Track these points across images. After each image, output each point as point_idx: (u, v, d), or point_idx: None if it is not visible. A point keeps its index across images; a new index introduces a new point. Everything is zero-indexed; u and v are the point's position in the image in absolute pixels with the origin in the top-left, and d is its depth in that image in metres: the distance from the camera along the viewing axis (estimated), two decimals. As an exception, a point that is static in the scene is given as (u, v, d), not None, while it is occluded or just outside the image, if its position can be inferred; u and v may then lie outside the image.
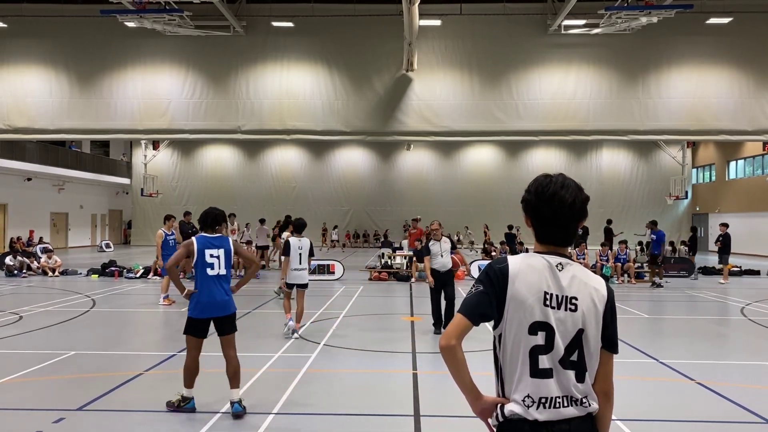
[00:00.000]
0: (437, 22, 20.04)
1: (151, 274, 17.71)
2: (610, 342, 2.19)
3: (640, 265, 18.96)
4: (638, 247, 20.60)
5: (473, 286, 2.20)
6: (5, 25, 20.55)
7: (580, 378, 2.12)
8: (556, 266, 2.17)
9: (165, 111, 20.42)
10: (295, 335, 9.15)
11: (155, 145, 36.51)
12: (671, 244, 23.61)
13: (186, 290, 5.73)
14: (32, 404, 5.92)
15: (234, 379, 5.63)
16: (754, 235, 28.35)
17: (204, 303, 5.66)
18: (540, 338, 2.10)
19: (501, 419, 2.13)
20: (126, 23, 19.36)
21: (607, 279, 17.26)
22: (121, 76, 20.50)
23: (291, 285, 9.29)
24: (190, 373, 5.68)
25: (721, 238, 17.64)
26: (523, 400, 2.09)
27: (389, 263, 19.18)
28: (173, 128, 20.67)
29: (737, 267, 20.08)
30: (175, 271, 5.84)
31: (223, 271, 5.75)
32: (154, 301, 12.85)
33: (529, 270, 2.15)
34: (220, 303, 5.70)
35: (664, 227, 35.97)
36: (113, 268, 18.44)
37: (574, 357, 2.12)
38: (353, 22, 20.26)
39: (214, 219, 5.82)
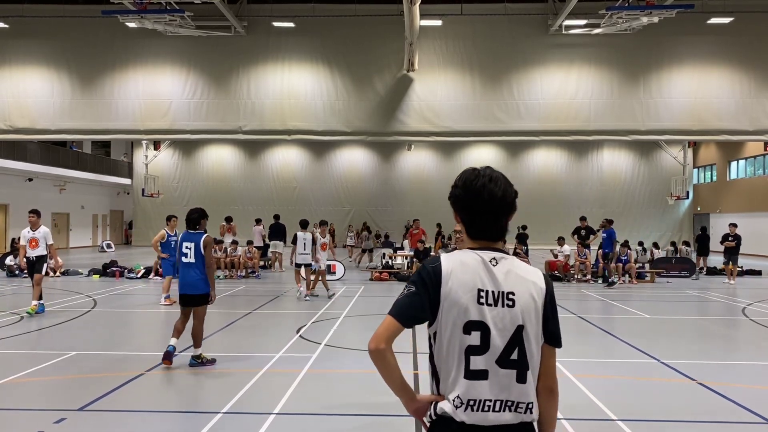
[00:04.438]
0: (438, 23, 20.04)
1: (152, 274, 17.72)
2: (552, 336, 2.11)
3: (641, 265, 18.96)
4: (639, 248, 20.59)
5: (405, 286, 2.12)
6: (6, 26, 20.58)
7: (521, 377, 2.03)
8: (490, 261, 2.07)
9: (166, 111, 20.44)
10: (307, 298, 13.05)
11: (156, 145, 36.57)
12: (672, 244, 23.57)
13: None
14: (33, 404, 5.93)
15: (194, 340, 7.33)
16: (756, 235, 28.31)
17: (180, 282, 7.45)
18: (474, 338, 2.01)
19: (434, 417, 2.08)
20: (127, 24, 19.39)
21: (615, 281, 17.27)
22: (122, 77, 20.53)
23: (299, 264, 13.36)
24: (176, 329, 7.40)
25: (730, 238, 17.63)
26: (453, 401, 2.02)
27: (390, 263, 19.17)
28: (174, 129, 20.70)
29: (739, 267, 20.06)
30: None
31: (193, 260, 7.35)
32: (155, 302, 12.85)
33: (462, 268, 2.05)
34: (189, 283, 7.33)
35: (666, 227, 36.22)
36: (114, 269, 18.46)
37: (515, 355, 2.02)
38: (354, 23, 20.27)
39: (193, 221, 7.53)
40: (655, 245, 22.16)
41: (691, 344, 9.04)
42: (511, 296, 2.04)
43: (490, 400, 2.01)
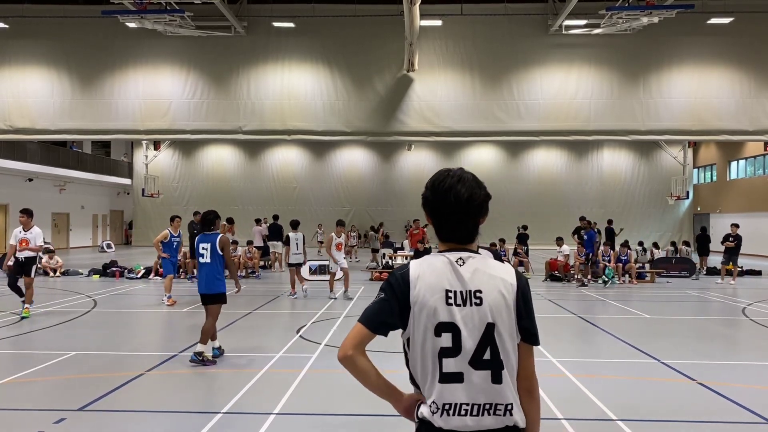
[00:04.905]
0: (438, 23, 20.04)
1: (152, 274, 17.73)
2: (527, 333, 2.05)
3: (641, 265, 18.95)
4: (639, 248, 20.58)
5: (377, 294, 2.11)
6: (7, 26, 20.58)
7: (496, 378, 1.98)
8: (456, 261, 2.04)
9: (166, 111, 20.44)
10: (305, 293, 13.60)
11: (156, 145, 36.57)
12: (672, 244, 23.56)
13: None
14: (33, 404, 5.92)
15: (202, 334, 7.44)
16: (756, 235, 28.30)
17: (198, 282, 7.75)
18: (446, 340, 1.98)
19: (416, 420, 2.05)
20: (127, 24, 19.40)
21: (607, 279, 17.27)
22: (122, 77, 20.53)
23: (292, 264, 13.83)
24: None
25: (731, 239, 17.61)
26: (430, 406, 1.99)
27: (390, 263, 19.17)
28: (174, 129, 20.70)
29: (739, 267, 20.05)
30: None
31: (209, 260, 7.57)
32: (156, 302, 12.86)
33: (430, 270, 2.04)
34: (204, 282, 7.57)
35: (666, 227, 36.21)
36: (114, 269, 18.45)
37: (487, 355, 1.98)
38: (354, 23, 20.27)
39: (208, 222, 7.81)
40: (655, 245, 22.17)
41: (691, 344, 9.04)
42: (478, 294, 2.00)
43: (467, 404, 1.97)
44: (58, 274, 18.58)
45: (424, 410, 2.01)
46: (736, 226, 17.92)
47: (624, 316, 11.81)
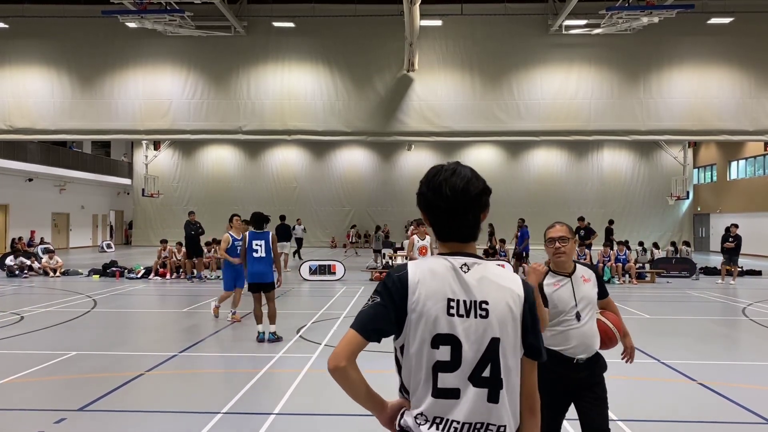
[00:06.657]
0: (438, 23, 20.04)
1: (152, 274, 17.74)
2: (532, 348, 1.91)
3: (641, 265, 18.95)
4: (639, 248, 20.57)
5: (370, 297, 1.94)
6: (6, 26, 20.58)
7: (493, 397, 1.83)
8: (461, 268, 1.88)
9: (166, 111, 20.44)
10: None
11: (156, 145, 36.55)
12: (672, 244, 23.55)
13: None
14: (34, 405, 5.93)
15: (270, 318, 8.81)
16: (756, 235, 28.30)
17: (251, 274, 8.84)
18: (443, 353, 1.83)
19: (398, 429, 1.93)
20: (127, 24, 19.39)
21: (608, 280, 17.27)
22: (122, 77, 20.52)
23: None
24: (257, 316, 8.85)
25: (730, 239, 17.61)
26: (416, 417, 1.86)
27: (390, 263, 19.17)
28: (174, 129, 20.69)
29: (739, 267, 20.04)
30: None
31: (263, 255, 8.77)
32: (156, 302, 12.85)
33: (431, 276, 1.87)
34: (258, 273, 8.76)
35: (666, 227, 36.21)
36: (114, 269, 18.46)
37: (487, 372, 1.83)
38: (354, 23, 20.27)
39: (257, 220, 9.01)
40: (656, 245, 22.15)
41: (691, 344, 9.04)
42: (484, 306, 1.85)
43: (458, 422, 1.83)
44: (58, 274, 18.59)
45: (408, 419, 1.89)
46: (736, 226, 17.92)
47: (624, 316, 11.72)
